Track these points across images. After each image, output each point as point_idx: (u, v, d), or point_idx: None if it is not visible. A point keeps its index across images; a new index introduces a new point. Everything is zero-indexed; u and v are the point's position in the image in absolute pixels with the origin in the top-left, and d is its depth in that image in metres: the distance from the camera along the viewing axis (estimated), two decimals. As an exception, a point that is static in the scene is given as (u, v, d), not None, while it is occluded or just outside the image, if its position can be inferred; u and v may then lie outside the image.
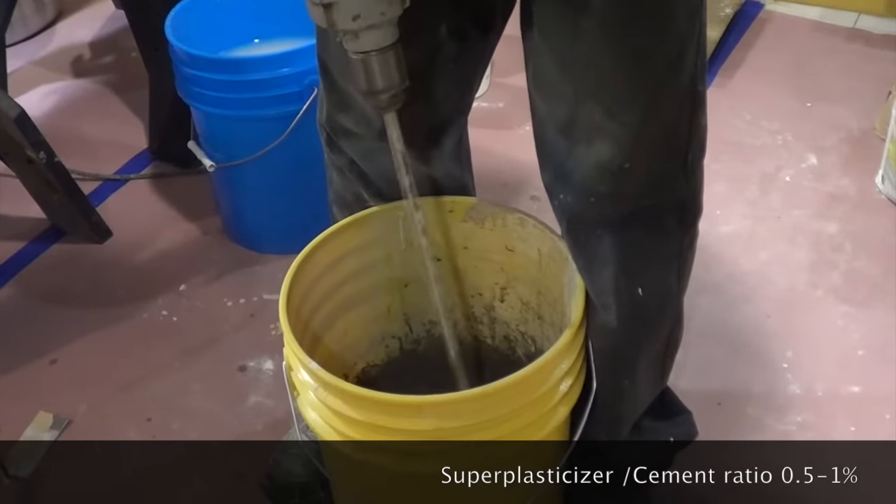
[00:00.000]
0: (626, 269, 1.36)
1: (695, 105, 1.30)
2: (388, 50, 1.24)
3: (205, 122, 2.29)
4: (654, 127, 1.26)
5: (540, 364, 1.32)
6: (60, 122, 2.93)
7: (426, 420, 1.30)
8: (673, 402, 1.67)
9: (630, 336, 1.43)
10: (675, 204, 1.36)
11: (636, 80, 1.22)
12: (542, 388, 1.35)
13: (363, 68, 1.25)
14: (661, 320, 1.46)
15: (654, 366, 1.53)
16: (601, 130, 1.25)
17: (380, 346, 1.72)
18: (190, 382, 2.10)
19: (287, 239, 1.93)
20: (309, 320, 1.54)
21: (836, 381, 2.02)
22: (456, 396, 1.32)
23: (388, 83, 1.26)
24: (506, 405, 1.31)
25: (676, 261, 1.41)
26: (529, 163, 1.37)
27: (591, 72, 1.23)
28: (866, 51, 3.12)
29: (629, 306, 1.39)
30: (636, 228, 1.34)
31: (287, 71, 2.10)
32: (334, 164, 1.60)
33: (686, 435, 1.66)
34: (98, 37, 3.44)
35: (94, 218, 2.48)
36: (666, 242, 1.38)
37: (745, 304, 2.22)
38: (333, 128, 1.53)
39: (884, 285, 2.24)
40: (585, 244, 1.37)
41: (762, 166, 2.64)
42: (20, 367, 2.16)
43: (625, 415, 1.56)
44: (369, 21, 1.19)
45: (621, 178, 1.27)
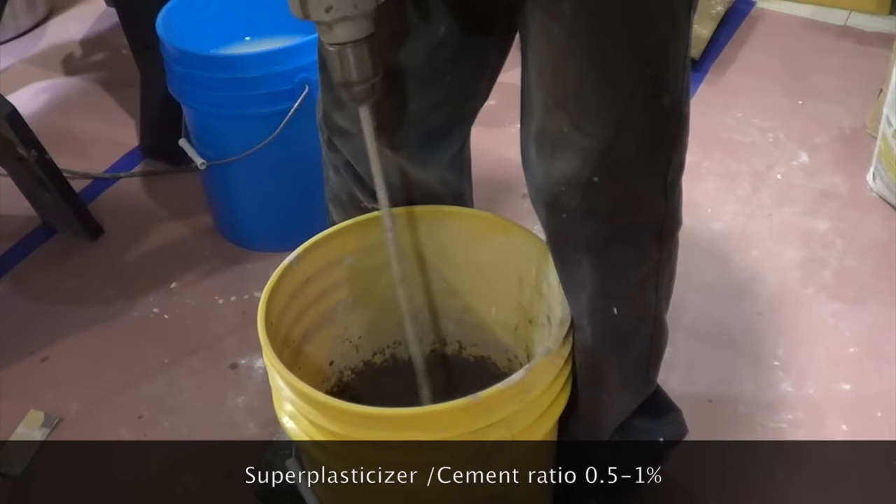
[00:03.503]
0: (603, 291, 1.35)
1: (679, 128, 1.28)
2: (363, 42, 1.24)
3: (196, 120, 2.29)
4: (627, 145, 1.24)
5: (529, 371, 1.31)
6: (51, 120, 2.92)
7: (406, 433, 1.29)
8: (663, 401, 1.67)
9: (605, 352, 1.42)
10: (654, 223, 1.34)
11: (605, 93, 1.21)
12: (530, 395, 1.33)
13: (338, 60, 1.26)
14: (637, 334, 1.45)
15: (636, 375, 1.52)
16: (567, 142, 1.24)
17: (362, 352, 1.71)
18: (181, 380, 2.10)
19: (278, 236, 1.94)
20: (291, 327, 1.52)
21: (828, 379, 2.02)
22: (438, 408, 1.29)
23: (362, 75, 1.26)
24: (493, 414, 1.30)
25: (654, 277, 1.40)
26: (520, 162, 1.37)
27: (559, 80, 1.22)
28: (857, 48, 3.13)
29: (604, 325, 1.38)
30: (615, 250, 1.32)
31: (278, 69, 2.09)
32: (331, 163, 1.60)
33: (676, 433, 1.66)
34: (89, 34, 3.44)
35: (84, 216, 2.48)
36: (644, 262, 1.37)
37: (735, 302, 2.22)
38: (330, 126, 1.53)
39: (875, 283, 2.25)
40: (565, 265, 1.37)
41: (753, 164, 2.64)
42: (11, 364, 2.16)
43: (605, 424, 1.55)
44: (342, 13, 1.20)
45: (592, 193, 1.26)
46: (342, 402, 1.31)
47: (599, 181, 1.25)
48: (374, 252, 1.56)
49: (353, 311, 1.64)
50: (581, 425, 1.54)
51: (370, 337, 1.70)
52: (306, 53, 2.08)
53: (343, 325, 1.64)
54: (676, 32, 1.21)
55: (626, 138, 1.24)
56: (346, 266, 1.58)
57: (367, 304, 1.65)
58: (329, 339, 1.63)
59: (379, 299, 1.64)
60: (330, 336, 1.63)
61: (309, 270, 1.53)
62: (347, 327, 1.65)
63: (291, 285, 1.50)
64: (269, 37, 2.28)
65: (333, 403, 1.31)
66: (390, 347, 1.72)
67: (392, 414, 1.29)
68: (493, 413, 1.30)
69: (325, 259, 1.55)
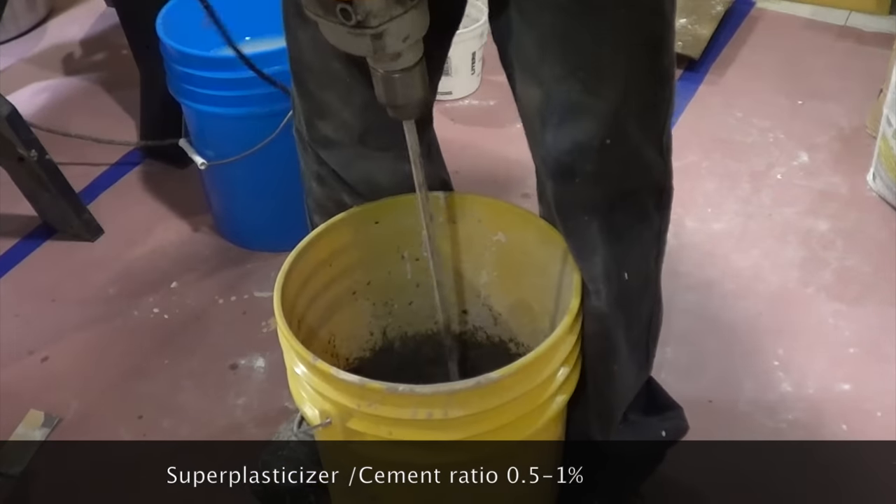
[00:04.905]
0: (614, 255, 1.37)
1: (672, 88, 1.32)
2: (422, 61, 1.24)
3: (196, 120, 2.29)
4: (634, 103, 1.26)
5: (539, 353, 1.32)
6: (51, 120, 2.92)
7: (426, 410, 1.30)
8: (663, 398, 1.67)
9: (617, 320, 1.44)
10: (655, 188, 1.37)
11: (616, 55, 1.22)
12: (541, 376, 1.35)
13: (400, 84, 1.24)
14: (642, 303, 1.48)
15: (639, 351, 1.53)
16: (582, 107, 1.25)
17: (372, 339, 1.72)
18: (181, 380, 2.10)
19: (278, 236, 1.93)
20: (304, 315, 1.53)
21: (828, 379, 2.02)
22: (456, 387, 1.30)
23: (424, 92, 1.26)
24: (505, 394, 1.31)
25: (656, 244, 1.43)
26: (520, 161, 1.37)
27: (570, 48, 1.22)
28: (857, 48, 3.13)
29: (617, 291, 1.40)
30: (621, 214, 1.34)
31: (278, 69, 2.09)
32: (313, 173, 1.58)
33: (677, 430, 1.66)
34: (89, 34, 3.44)
35: (84, 215, 2.48)
36: (648, 227, 1.40)
37: (736, 302, 2.22)
38: (312, 136, 1.52)
39: (875, 283, 2.25)
40: (575, 230, 1.38)
41: (753, 164, 2.64)
42: (11, 364, 2.16)
43: (615, 402, 1.56)
44: (416, 37, 1.19)
45: (605, 155, 1.27)
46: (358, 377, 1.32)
47: (611, 143, 1.26)
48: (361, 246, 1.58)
49: (345, 307, 1.65)
50: (590, 413, 1.54)
51: (360, 332, 1.71)
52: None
53: (337, 322, 1.64)
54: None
55: (632, 100, 1.26)
56: (337, 262, 1.59)
57: (357, 299, 1.66)
58: (342, 325, 1.64)
59: (368, 293, 1.65)
60: (343, 321, 1.64)
61: (322, 255, 1.54)
62: (340, 324, 1.65)
63: (304, 272, 1.51)
64: (269, 37, 2.27)
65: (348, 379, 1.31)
66: (380, 340, 1.73)
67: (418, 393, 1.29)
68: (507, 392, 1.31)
69: (320, 257, 1.55)
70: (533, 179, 1.43)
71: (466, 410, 1.30)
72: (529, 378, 1.34)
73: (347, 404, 1.33)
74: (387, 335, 1.74)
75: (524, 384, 1.33)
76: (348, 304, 1.65)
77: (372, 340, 1.73)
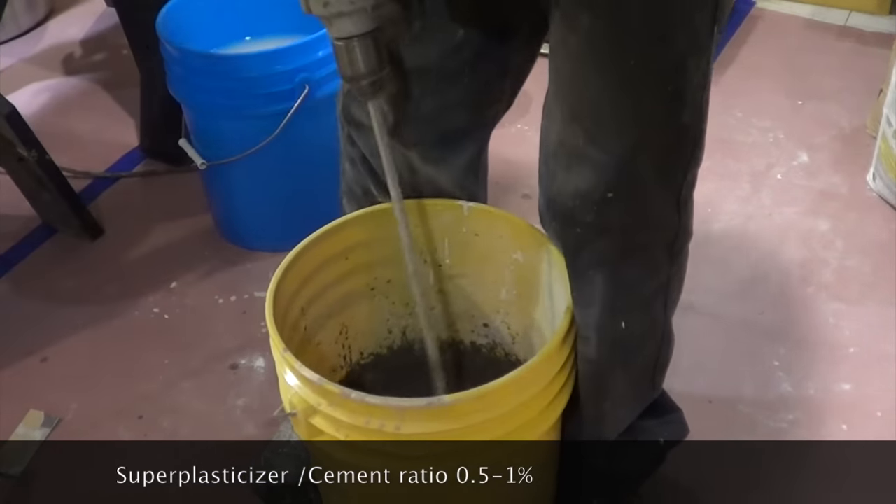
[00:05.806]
0: (613, 307, 1.34)
1: (696, 145, 1.27)
2: (365, 38, 1.25)
3: (196, 120, 2.29)
4: (644, 161, 1.23)
5: (532, 365, 1.31)
6: (51, 120, 2.92)
7: (378, 421, 1.29)
8: (664, 401, 1.67)
9: (611, 364, 1.42)
10: (666, 239, 1.34)
11: (622, 107, 1.19)
12: (535, 389, 1.34)
13: (343, 54, 1.27)
14: (643, 347, 1.45)
15: (641, 385, 1.52)
16: (583, 156, 1.23)
17: (391, 336, 1.73)
18: (181, 380, 2.10)
19: (278, 236, 1.93)
20: (298, 319, 1.53)
21: (828, 379, 2.02)
22: (405, 404, 1.28)
23: (366, 69, 1.27)
24: (499, 407, 1.30)
25: (664, 292, 1.40)
26: (521, 161, 1.37)
27: (576, 92, 1.21)
28: (857, 48, 3.13)
29: (611, 340, 1.38)
30: (627, 266, 1.32)
31: (278, 69, 2.09)
32: (348, 156, 1.59)
33: (677, 434, 1.66)
34: (89, 34, 3.44)
35: (85, 216, 2.48)
36: (655, 277, 1.37)
37: (736, 302, 2.22)
38: (348, 119, 1.52)
39: (875, 283, 2.25)
40: (577, 280, 1.36)
41: (753, 164, 2.64)
42: (11, 365, 2.15)
43: (607, 430, 1.55)
44: (338, 8, 1.21)
45: (606, 209, 1.25)
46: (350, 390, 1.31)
47: (614, 197, 1.23)
48: (383, 243, 1.58)
49: (361, 303, 1.65)
50: (584, 427, 1.53)
51: (378, 329, 1.71)
52: (306, 53, 2.08)
53: (351, 316, 1.64)
54: (698, 48, 1.18)
55: (643, 155, 1.22)
56: (354, 257, 1.59)
57: (376, 295, 1.66)
58: (356, 319, 1.65)
59: (388, 291, 1.65)
60: (358, 315, 1.64)
61: (316, 261, 1.54)
62: (355, 319, 1.65)
63: (298, 277, 1.51)
64: (269, 37, 2.27)
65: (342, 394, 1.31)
66: (398, 339, 1.74)
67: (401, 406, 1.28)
68: (495, 408, 1.30)
69: (334, 250, 1.56)
70: (533, 179, 1.42)
71: (420, 429, 1.28)
72: (487, 408, 1.30)
73: (309, 401, 1.33)
74: (406, 336, 1.73)
75: (481, 414, 1.29)
76: (365, 299, 1.65)
77: (390, 338, 1.73)
